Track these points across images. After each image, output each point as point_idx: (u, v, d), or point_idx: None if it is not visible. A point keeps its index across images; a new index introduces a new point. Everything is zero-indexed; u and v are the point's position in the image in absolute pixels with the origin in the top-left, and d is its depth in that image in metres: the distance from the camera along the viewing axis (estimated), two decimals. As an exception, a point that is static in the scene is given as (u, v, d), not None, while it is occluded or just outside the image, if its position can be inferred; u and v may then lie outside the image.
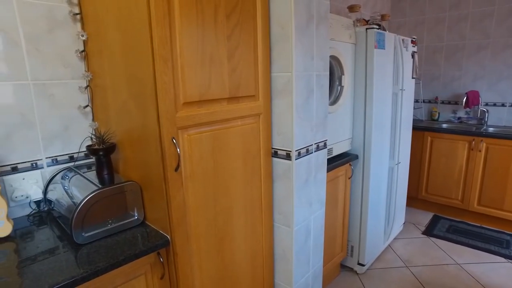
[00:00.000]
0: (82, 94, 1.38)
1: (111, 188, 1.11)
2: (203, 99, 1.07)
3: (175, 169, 1.02)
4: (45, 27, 1.26)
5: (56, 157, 1.35)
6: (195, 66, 1.03)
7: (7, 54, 1.19)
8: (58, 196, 1.24)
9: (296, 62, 1.27)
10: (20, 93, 1.23)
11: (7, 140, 1.23)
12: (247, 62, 1.21)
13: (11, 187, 1.26)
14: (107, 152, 1.25)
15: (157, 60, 0.92)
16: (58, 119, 1.33)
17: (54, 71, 1.30)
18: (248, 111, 1.24)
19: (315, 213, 1.55)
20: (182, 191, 1.06)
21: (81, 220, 1.04)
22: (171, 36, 0.95)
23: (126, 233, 1.12)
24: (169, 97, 0.97)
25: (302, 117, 1.35)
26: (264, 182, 1.37)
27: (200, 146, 1.09)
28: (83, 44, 1.33)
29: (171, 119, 0.99)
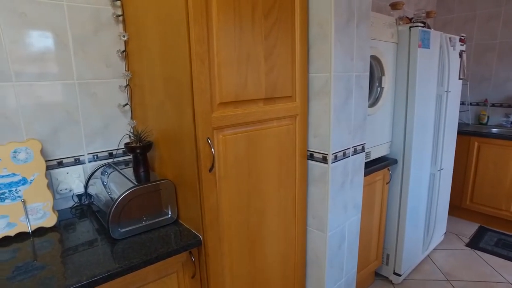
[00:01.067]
0: (122, 93, 1.42)
1: (146, 186, 1.13)
2: (239, 100, 1.06)
3: (209, 169, 1.02)
4: (91, 29, 1.30)
5: (97, 153, 1.41)
6: (231, 65, 1.02)
7: (58, 55, 1.25)
8: (98, 191, 1.29)
9: (335, 62, 1.22)
10: (66, 92, 1.29)
11: (54, 136, 1.29)
12: (284, 62, 1.18)
13: (57, 181, 1.32)
14: (143, 150, 1.27)
15: (194, 59, 0.92)
16: (100, 117, 1.38)
17: (97, 70, 1.34)
18: (285, 112, 1.22)
19: (351, 219, 1.49)
20: (215, 192, 1.05)
21: (118, 216, 1.07)
22: (208, 35, 0.95)
23: (159, 230, 1.14)
24: (205, 97, 0.97)
25: (340, 119, 1.30)
26: (298, 185, 1.34)
27: (235, 147, 1.08)
28: (124, 45, 1.37)
29: (206, 119, 0.99)
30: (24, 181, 1.17)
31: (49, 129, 1.28)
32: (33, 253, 1.03)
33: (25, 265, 0.96)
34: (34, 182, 1.18)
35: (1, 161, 1.14)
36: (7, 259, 0.99)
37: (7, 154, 1.15)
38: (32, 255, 1.02)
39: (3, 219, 1.12)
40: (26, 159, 1.18)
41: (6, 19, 1.14)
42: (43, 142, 1.27)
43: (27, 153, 1.18)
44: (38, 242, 1.10)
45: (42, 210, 1.19)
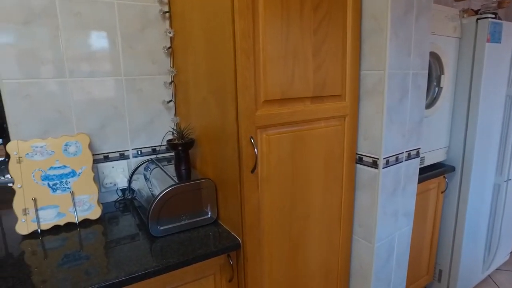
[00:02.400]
0: (167, 89, 1.42)
1: (187, 184, 1.11)
2: (285, 98, 1.00)
3: (252, 170, 0.97)
4: (139, 26, 1.32)
5: (141, 149, 1.42)
6: (277, 61, 0.96)
7: (107, 52, 1.28)
8: (140, 186, 1.30)
9: (390, 58, 1.12)
10: (114, 88, 1.31)
11: (101, 131, 1.32)
12: (334, 58, 1.10)
13: (103, 174, 1.36)
14: (185, 147, 1.26)
15: (239, 54, 0.88)
16: (144, 113, 1.40)
17: (143, 67, 1.36)
18: (333, 112, 1.13)
19: (401, 229, 1.37)
20: (257, 194, 1.00)
21: (157, 214, 1.06)
22: (254, 29, 0.90)
23: (198, 230, 1.11)
24: (249, 94, 0.92)
25: (393, 121, 1.19)
26: (345, 190, 1.25)
27: (279, 148, 1.02)
28: (170, 41, 1.37)
29: (250, 117, 0.94)
30: (73, 174, 1.20)
31: (97, 124, 1.31)
32: (79, 243, 1.06)
33: (73, 254, 0.99)
34: (82, 174, 1.21)
35: (54, 153, 1.19)
36: (57, 247, 1.04)
37: (59, 147, 1.20)
38: (78, 245, 1.05)
39: (54, 209, 1.17)
40: (76, 152, 1.22)
41: (64, 19, 1.18)
42: (91, 136, 1.30)
43: (76, 147, 1.22)
44: (84, 233, 1.13)
45: (88, 203, 1.22)
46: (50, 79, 1.20)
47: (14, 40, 1.13)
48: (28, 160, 1.15)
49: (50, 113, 1.22)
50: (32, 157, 1.16)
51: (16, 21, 1.12)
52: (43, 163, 1.17)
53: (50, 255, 0.99)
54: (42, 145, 1.18)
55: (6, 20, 1.11)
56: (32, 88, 1.18)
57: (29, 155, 1.16)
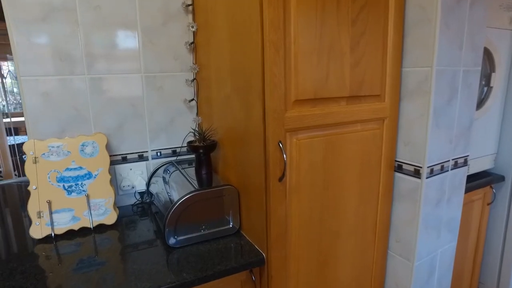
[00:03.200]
0: (188, 87, 1.34)
1: (207, 191, 1.01)
2: (318, 97, 0.89)
3: (279, 178, 0.86)
4: (160, 20, 1.24)
5: (160, 150, 1.35)
6: (311, 56, 0.85)
7: (127, 48, 1.21)
8: (158, 190, 1.22)
9: (438, 53, 0.98)
10: (133, 85, 1.24)
11: (119, 131, 1.26)
12: (373, 52, 0.97)
13: (120, 176, 1.29)
14: (207, 150, 1.17)
15: (267, 47, 0.77)
16: (165, 112, 1.32)
17: (164, 63, 1.28)
18: (371, 114, 1.01)
19: (444, 246, 1.22)
20: (285, 204, 0.90)
21: (174, 223, 0.97)
22: (284, 19, 0.79)
23: (218, 241, 1.02)
24: (278, 92, 0.81)
25: (440, 124, 1.05)
26: (381, 201, 1.12)
27: (310, 153, 0.91)
28: (192, 36, 1.28)
29: (279, 119, 0.83)
30: (89, 176, 1.14)
31: (115, 123, 1.24)
32: (93, 251, 1.00)
33: (88, 259, 0.94)
34: (98, 177, 1.15)
35: (71, 154, 1.13)
36: (71, 252, 0.99)
37: (76, 147, 1.14)
38: (92, 252, 0.99)
39: (69, 212, 1.11)
40: (92, 153, 1.16)
41: (83, 13, 1.12)
42: (109, 136, 1.24)
43: (93, 147, 1.16)
44: (99, 239, 1.06)
45: (104, 207, 1.15)
46: (68, 76, 1.14)
47: (33, 36, 1.08)
48: (44, 161, 1.10)
49: (68, 112, 1.17)
50: (48, 157, 1.11)
51: (35, 16, 1.07)
52: (59, 164, 1.11)
53: (64, 260, 0.94)
54: (59, 144, 1.12)
55: (25, 15, 1.06)
56: (50, 85, 1.13)
57: (45, 155, 1.10)
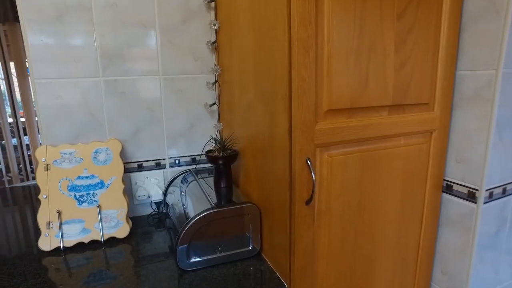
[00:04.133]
0: (209, 90, 1.23)
1: (224, 210, 0.90)
2: (355, 106, 0.75)
3: (307, 202, 0.73)
4: (180, 18, 1.15)
5: (179, 158, 1.26)
6: (347, 57, 0.71)
7: (144, 48, 1.12)
8: (174, 201, 1.13)
9: (508, 52, 0.81)
10: (151, 88, 1.16)
11: (135, 136, 1.18)
12: (422, 52, 0.82)
13: (136, 185, 1.21)
14: (227, 161, 1.06)
15: (295, 46, 0.65)
16: (184, 117, 1.23)
17: (184, 65, 1.18)
18: (417, 125, 0.85)
19: (504, 283, 1.03)
20: (312, 231, 0.77)
21: (187, 243, 0.87)
22: (317, 13, 0.66)
23: (236, 265, 0.91)
24: (307, 100, 0.69)
25: (504, 139, 0.87)
26: (425, 225, 0.96)
27: (344, 172, 0.77)
28: (215, 35, 1.18)
29: (308, 132, 0.70)
30: (102, 185, 1.07)
31: (131, 128, 1.17)
32: (105, 264, 0.93)
33: (99, 274, 0.89)
34: (111, 186, 1.07)
35: (83, 161, 1.06)
36: (81, 265, 0.93)
37: (89, 154, 1.07)
38: (104, 265, 0.93)
39: (79, 224, 1.04)
40: (106, 160, 1.08)
41: (99, 12, 1.05)
42: (124, 142, 1.16)
43: (107, 154, 1.08)
44: (110, 253, 0.99)
45: (116, 219, 1.07)
46: (82, 78, 1.07)
47: (47, 37, 1.01)
48: (56, 168, 1.04)
49: (82, 116, 1.10)
50: (60, 164, 1.04)
51: (49, 16, 1.01)
52: (71, 172, 1.05)
53: (75, 274, 0.89)
54: (71, 151, 1.06)
55: (39, 16, 1.00)
56: (63, 88, 1.06)
57: (57, 162, 1.04)
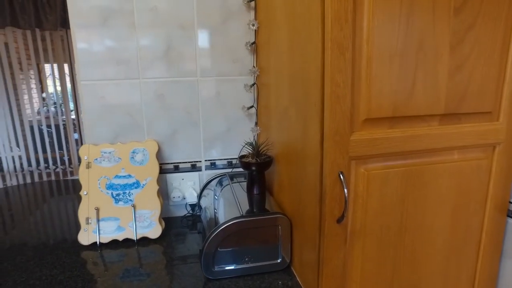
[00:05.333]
0: (247, 93, 1.20)
1: (253, 220, 0.86)
2: (399, 115, 0.66)
3: (338, 219, 0.66)
4: (219, 19, 1.13)
5: (215, 161, 1.24)
6: (390, 59, 0.63)
7: (183, 50, 1.12)
8: (207, 205, 1.11)
9: None
10: (188, 90, 1.16)
11: (172, 138, 1.18)
12: (485, 52, 0.70)
13: (171, 186, 1.22)
14: (260, 167, 1.02)
15: (329, 48, 0.58)
16: (221, 119, 1.21)
17: (222, 66, 1.16)
18: (475, 138, 0.73)
19: None
20: (343, 252, 0.69)
21: (213, 251, 0.84)
22: (355, 10, 0.59)
23: (263, 278, 0.86)
24: (342, 108, 0.62)
25: None
26: (484, 256, 0.82)
27: (383, 189, 0.68)
28: (254, 35, 1.14)
29: (341, 143, 0.63)
30: (137, 185, 1.09)
31: (168, 130, 1.17)
32: (138, 261, 0.96)
33: (133, 270, 0.92)
34: (146, 187, 1.09)
35: (121, 161, 1.09)
36: (116, 261, 0.96)
37: (127, 154, 1.09)
38: (137, 263, 0.95)
39: (115, 222, 1.07)
40: (142, 161, 1.10)
41: (140, 15, 1.07)
42: (162, 143, 1.17)
43: (143, 155, 1.10)
44: (142, 252, 1.01)
45: (149, 219, 1.08)
46: (123, 80, 1.10)
47: (93, 41, 1.06)
48: (96, 166, 1.08)
49: (122, 117, 1.13)
50: (100, 163, 1.08)
51: (95, 21, 1.05)
52: (109, 170, 1.08)
53: (111, 268, 0.93)
54: (111, 150, 1.09)
55: (86, 21, 1.04)
56: (106, 90, 1.10)
57: (98, 161, 1.08)
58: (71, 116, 3.22)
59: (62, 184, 1.74)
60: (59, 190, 1.64)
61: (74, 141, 3.25)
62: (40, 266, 0.93)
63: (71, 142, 3.25)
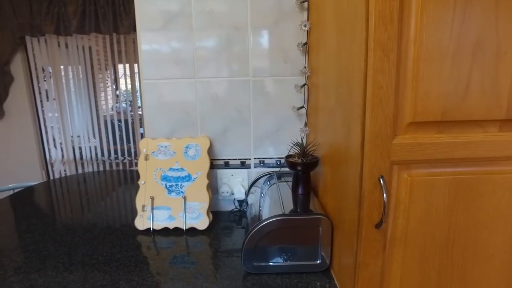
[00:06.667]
0: (297, 93, 1.21)
1: (294, 219, 0.87)
2: (449, 119, 0.62)
3: (376, 225, 0.64)
4: (272, 20, 1.15)
5: (264, 159, 1.27)
6: (441, 60, 0.59)
7: (236, 50, 1.17)
8: (254, 201, 1.14)
9: None
10: (240, 90, 1.20)
11: (223, 135, 1.24)
12: (561, 53, 0.62)
13: (221, 181, 1.28)
14: (306, 167, 1.02)
15: (372, 50, 0.57)
16: (271, 119, 1.23)
17: (274, 66, 1.19)
18: (544, 147, 0.65)
19: None
20: (381, 259, 0.67)
21: (253, 247, 0.87)
22: (401, 9, 0.56)
23: (301, 278, 0.86)
24: (384, 110, 0.60)
25: None
26: (552, 279, 0.73)
27: (428, 197, 0.64)
28: (306, 36, 1.14)
29: (382, 146, 0.61)
30: (189, 178, 1.16)
31: (220, 128, 1.23)
32: (186, 249, 1.03)
33: (181, 257, 0.99)
34: (197, 180, 1.15)
35: (175, 155, 1.17)
36: (166, 247, 1.04)
37: (180, 149, 1.17)
38: (185, 251, 1.03)
39: (167, 211, 1.15)
40: (194, 156, 1.17)
41: (197, 18, 1.14)
42: (213, 140, 1.23)
43: (196, 150, 1.17)
44: (190, 241, 1.08)
45: (198, 211, 1.15)
46: (180, 79, 1.18)
47: (155, 43, 1.15)
48: (153, 159, 1.17)
49: (178, 114, 1.21)
50: (157, 156, 1.17)
51: (158, 25, 1.14)
52: (164, 163, 1.17)
53: (161, 253, 1.01)
54: (166, 145, 1.18)
55: (150, 24, 1.14)
56: (164, 88, 1.19)
57: (155, 154, 1.17)
58: (138, 112, 3.51)
59: (128, 174, 1.92)
60: (126, 179, 1.81)
61: (140, 135, 3.53)
62: (102, 244, 1.05)
63: (137, 136, 3.54)
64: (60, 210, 1.39)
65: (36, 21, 3.12)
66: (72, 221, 1.24)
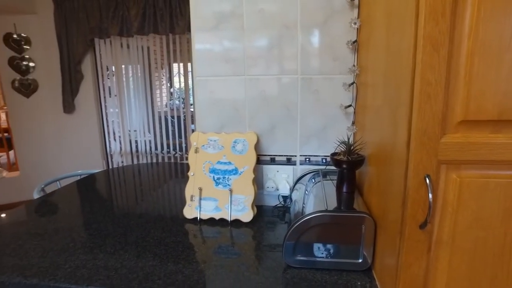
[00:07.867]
0: (345, 92, 1.19)
1: (336, 215, 0.87)
2: (506, 118, 0.58)
3: (421, 225, 0.63)
4: (321, 18, 1.15)
5: (309, 157, 1.28)
6: (499, 56, 0.56)
7: (285, 49, 1.19)
8: (297, 198, 1.16)
9: None
10: (289, 87, 1.22)
11: (271, 132, 1.27)
12: None
13: (267, 177, 1.31)
14: (351, 166, 1.01)
15: (420, 44, 0.55)
16: (318, 117, 1.23)
17: (322, 65, 1.19)
18: None
19: None
20: (425, 261, 0.65)
21: (294, 241, 0.89)
22: (456, 2, 0.54)
23: (341, 275, 0.86)
24: (432, 108, 0.58)
25: None
26: None
27: (479, 200, 0.61)
28: (356, 34, 1.13)
29: (429, 144, 0.60)
30: (235, 171, 1.20)
31: (268, 124, 1.26)
32: (230, 240, 1.08)
33: (226, 247, 1.03)
34: (243, 174, 1.20)
35: (223, 149, 1.22)
36: (212, 237, 1.10)
37: (229, 143, 1.22)
38: (229, 241, 1.07)
39: (214, 202, 1.21)
40: (242, 150, 1.21)
41: (248, 18, 1.18)
42: (261, 136, 1.27)
43: (243, 145, 1.21)
44: (235, 233, 1.12)
45: (243, 204, 1.19)
46: (230, 76, 1.23)
47: (207, 42, 1.22)
48: (203, 151, 1.24)
49: (228, 110, 1.26)
50: (206, 149, 1.24)
51: (210, 25, 1.20)
52: (213, 156, 1.22)
53: (207, 242, 1.06)
54: (216, 139, 1.23)
55: (204, 25, 1.21)
56: (215, 85, 1.25)
57: (204, 147, 1.24)
58: (190, 109, 3.68)
59: (178, 167, 2.03)
60: (176, 172, 1.92)
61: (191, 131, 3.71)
62: (154, 229, 1.14)
63: (188, 132, 3.72)
64: (117, 196, 1.52)
65: (104, 25, 3.42)
66: (128, 207, 1.35)
